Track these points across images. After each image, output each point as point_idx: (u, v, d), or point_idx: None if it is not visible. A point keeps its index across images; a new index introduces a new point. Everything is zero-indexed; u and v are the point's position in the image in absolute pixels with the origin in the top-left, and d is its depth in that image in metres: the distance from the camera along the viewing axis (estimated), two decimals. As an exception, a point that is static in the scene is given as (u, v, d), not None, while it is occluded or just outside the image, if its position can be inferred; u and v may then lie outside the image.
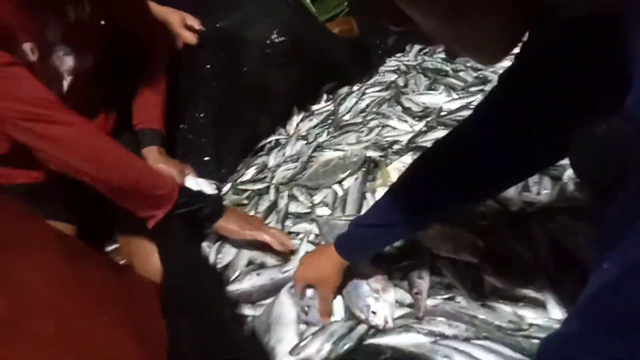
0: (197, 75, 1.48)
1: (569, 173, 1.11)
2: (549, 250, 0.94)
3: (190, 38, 1.45)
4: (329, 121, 1.61)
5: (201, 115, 1.46)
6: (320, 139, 1.49)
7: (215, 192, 1.26)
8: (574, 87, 0.56)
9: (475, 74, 1.58)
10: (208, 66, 1.48)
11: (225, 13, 1.51)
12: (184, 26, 1.45)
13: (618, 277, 0.41)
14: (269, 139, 1.61)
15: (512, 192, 1.09)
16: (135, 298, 0.97)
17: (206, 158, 1.43)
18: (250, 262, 1.12)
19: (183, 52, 1.45)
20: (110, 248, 1.39)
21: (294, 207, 1.22)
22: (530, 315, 0.86)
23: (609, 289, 0.42)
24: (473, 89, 1.52)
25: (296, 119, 1.67)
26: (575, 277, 0.89)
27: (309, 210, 1.20)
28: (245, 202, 1.30)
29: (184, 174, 1.24)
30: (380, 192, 1.21)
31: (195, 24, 1.46)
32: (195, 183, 1.24)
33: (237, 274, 1.09)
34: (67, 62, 1.13)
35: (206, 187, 1.24)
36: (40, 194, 1.22)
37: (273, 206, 1.24)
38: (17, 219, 0.94)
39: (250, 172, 1.45)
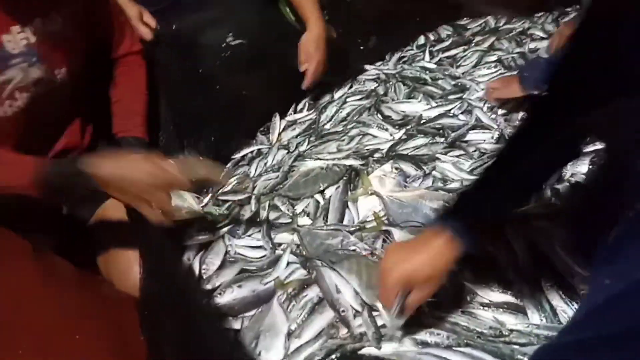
0: (155, 78, 1.45)
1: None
2: (527, 255, 0.96)
3: (146, 33, 1.42)
4: (311, 130, 1.61)
5: (167, 120, 1.43)
6: (302, 148, 1.49)
7: (200, 208, 1.24)
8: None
9: (453, 82, 1.61)
10: (167, 68, 1.46)
11: (180, 14, 1.50)
12: (141, 21, 1.43)
13: (621, 293, 0.42)
14: (250, 149, 1.60)
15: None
16: (113, 313, 0.96)
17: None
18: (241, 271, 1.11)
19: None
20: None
21: (275, 218, 1.22)
22: (510, 321, 0.87)
23: (612, 303, 0.43)
24: (451, 96, 1.54)
25: (278, 127, 1.66)
26: (553, 283, 0.90)
27: (290, 220, 1.20)
28: (226, 212, 1.29)
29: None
30: (362, 201, 1.22)
31: (152, 21, 1.44)
32: (179, 196, 1.22)
33: (217, 284, 1.08)
34: (31, 73, 1.09)
35: (192, 200, 1.23)
36: (17, 207, 1.21)
37: (255, 217, 1.24)
38: None
39: (231, 182, 1.45)
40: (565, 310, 0.86)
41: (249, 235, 1.19)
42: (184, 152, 1.42)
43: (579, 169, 1.11)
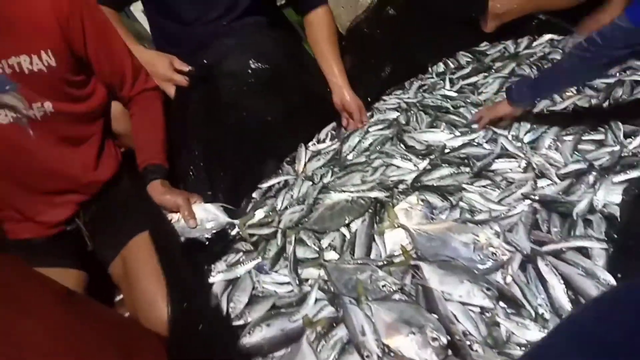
0: (188, 115, 1.49)
1: (577, 209, 1.11)
2: (563, 292, 0.93)
3: (181, 80, 1.47)
4: (334, 161, 1.61)
5: (196, 153, 1.45)
6: (326, 180, 1.49)
7: (227, 218, 1.26)
8: None
9: (475, 110, 1.60)
10: (197, 103, 1.49)
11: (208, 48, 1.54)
12: (174, 70, 1.47)
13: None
14: (277, 179, 1.60)
15: (521, 230, 1.09)
16: (137, 352, 0.96)
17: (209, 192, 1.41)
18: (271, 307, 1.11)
19: (176, 94, 1.48)
20: (118, 298, 1.38)
21: (301, 252, 1.22)
22: (548, 362, 0.84)
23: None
24: (474, 125, 1.52)
25: (304, 158, 1.67)
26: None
27: (316, 255, 1.20)
28: (252, 248, 1.29)
29: (191, 202, 1.25)
30: (389, 235, 1.20)
31: (184, 66, 1.48)
32: (203, 209, 1.24)
33: (246, 322, 1.08)
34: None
35: (217, 211, 1.24)
36: (45, 247, 1.23)
37: (281, 252, 1.23)
38: (17, 276, 0.94)
39: (258, 215, 1.44)
40: (607, 350, 0.83)
41: (276, 271, 1.18)
42: (210, 185, 1.43)
43: (611, 199, 1.09)
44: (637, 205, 0.99)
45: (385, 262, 1.13)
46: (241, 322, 1.09)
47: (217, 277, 1.21)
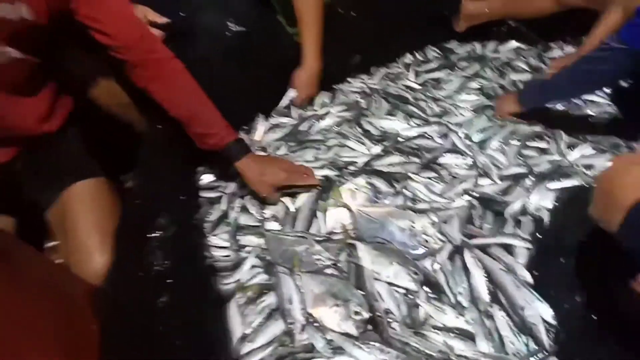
0: None
1: (510, 209, 1.16)
2: (483, 284, 0.99)
3: (156, 34, 1.43)
4: (291, 135, 1.61)
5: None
6: (279, 152, 1.50)
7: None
8: None
9: (434, 105, 1.63)
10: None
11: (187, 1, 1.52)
12: (147, 23, 1.43)
13: None
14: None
15: (455, 223, 1.14)
16: (66, 299, 0.95)
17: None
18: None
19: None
20: (50, 244, 1.35)
21: (244, 220, 1.22)
22: (459, 346, 0.89)
23: None
24: (432, 119, 1.56)
25: (262, 128, 1.66)
26: (505, 314, 0.93)
27: (258, 224, 1.21)
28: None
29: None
30: (331, 212, 1.22)
31: (157, 18, 1.44)
32: None
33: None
34: None
35: None
36: None
37: (223, 217, 1.24)
38: None
39: (206, 178, 1.44)
40: (513, 342, 0.89)
41: (215, 235, 1.19)
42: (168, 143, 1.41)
43: (543, 204, 1.15)
44: (564, 211, 1.05)
45: (323, 238, 1.15)
46: (171, 280, 1.09)
47: (160, 232, 1.20)
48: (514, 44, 2.01)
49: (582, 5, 1.72)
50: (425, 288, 1.01)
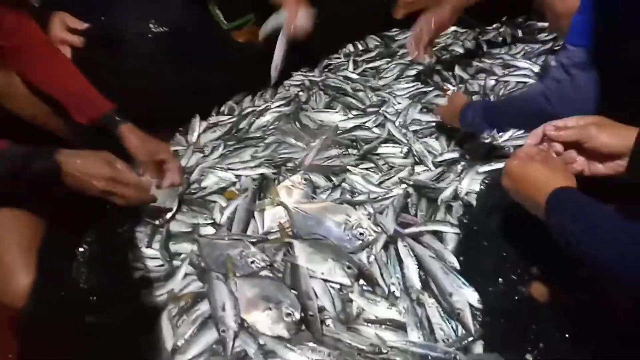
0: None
1: (442, 196, 1.17)
2: (414, 273, 0.99)
3: (75, 41, 1.38)
4: (230, 134, 1.59)
5: None
6: (217, 152, 1.47)
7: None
8: None
9: (373, 94, 1.63)
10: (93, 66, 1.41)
11: (107, 6, 1.46)
12: (67, 29, 1.37)
13: None
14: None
15: (390, 213, 1.14)
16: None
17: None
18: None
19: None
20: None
21: (177, 226, 1.20)
22: (390, 337, 0.89)
23: None
24: (370, 109, 1.56)
25: (198, 129, 1.63)
26: (434, 301, 0.94)
27: (191, 229, 1.19)
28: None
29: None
30: (268, 212, 1.21)
31: (77, 24, 1.39)
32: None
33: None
34: None
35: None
36: None
37: (156, 226, 1.20)
38: None
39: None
40: (443, 328, 0.90)
41: (149, 246, 1.15)
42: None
43: (473, 188, 1.16)
44: (489, 194, 1.06)
45: (259, 239, 1.14)
46: (98, 297, 1.05)
47: (89, 247, 1.16)
48: (451, 28, 2.03)
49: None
50: (361, 282, 1.01)
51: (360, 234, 1.10)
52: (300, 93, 1.73)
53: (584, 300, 0.79)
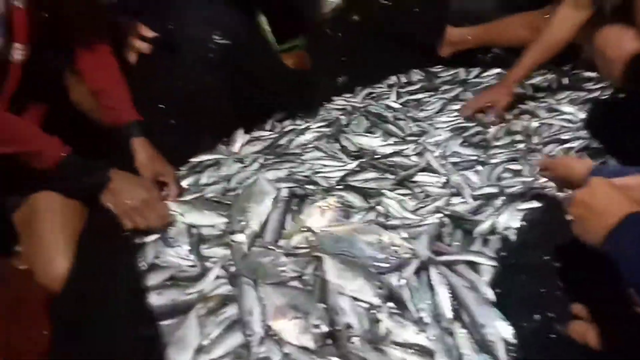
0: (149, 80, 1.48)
1: (479, 228, 1.16)
2: (447, 301, 0.97)
3: (143, 47, 1.46)
4: (270, 149, 1.62)
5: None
6: (256, 165, 1.49)
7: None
8: None
9: (413, 124, 1.64)
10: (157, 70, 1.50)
11: (176, 14, 1.54)
12: (138, 37, 1.45)
13: None
14: (208, 156, 1.59)
15: (424, 239, 1.13)
16: (22, 304, 0.93)
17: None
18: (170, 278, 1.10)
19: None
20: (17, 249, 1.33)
21: (209, 230, 1.21)
22: (417, 363, 0.87)
23: None
24: (409, 138, 1.58)
25: (241, 141, 1.67)
26: (466, 332, 0.92)
27: (224, 234, 1.20)
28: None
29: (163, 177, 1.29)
30: (296, 239, 1.18)
31: (149, 32, 1.47)
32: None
33: (140, 288, 1.06)
34: None
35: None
36: None
37: (190, 227, 1.22)
38: None
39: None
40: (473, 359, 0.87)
41: (179, 246, 1.16)
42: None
43: (511, 224, 1.14)
44: (531, 230, 1.04)
45: (290, 251, 1.14)
46: (136, 287, 1.07)
47: (125, 242, 1.18)
48: (496, 70, 2.05)
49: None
50: (389, 303, 1.00)
51: (395, 252, 1.09)
52: (342, 116, 1.76)
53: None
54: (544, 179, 1.24)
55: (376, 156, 1.49)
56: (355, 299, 0.99)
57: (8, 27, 1.09)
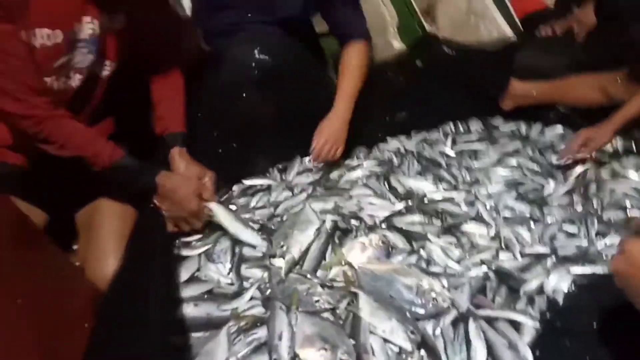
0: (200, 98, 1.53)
1: (526, 287, 1.11)
2: (483, 357, 0.93)
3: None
4: (320, 182, 1.63)
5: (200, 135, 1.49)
6: (303, 195, 1.51)
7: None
8: None
9: (467, 174, 1.62)
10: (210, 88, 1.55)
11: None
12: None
13: None
14: (261, 181, 1.61)
15: (466, 290, 1.09)
16: (66, 294, 0.98)
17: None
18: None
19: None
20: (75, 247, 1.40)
21: (250, 251, 1.24)
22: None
23: None
24: (461, 186, 1.55)
25: (296, 169, 1.68)
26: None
27: (263, 257, 1.22)
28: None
29: (203, 179, 1.32)
30: (334, 272, 1.18)
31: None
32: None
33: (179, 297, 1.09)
34: (88, 60, 1.20)
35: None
36: (22, 178, 1.27)
37: (233, 246, 1.24)
38: None
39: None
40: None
41: (221, 263, 1.19)
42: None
43: (561, 287, 1.09)
44: (580, 296, 0.99)
45: (327, 283, 1.13)
46: (174, 296, 1.10)
47: (172, 250, 1.23)
48: (559, 128, 1.98)
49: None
50: (422, 351, 0.97)
51: (434, 299, 1.06)
52: (394, 158, 1.75)
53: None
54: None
55: (425, 200, 1.47)
56: (387, 340, 0.98)
57: (101, 47, 1.21)
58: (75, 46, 1.16)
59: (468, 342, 0.96)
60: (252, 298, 1.11)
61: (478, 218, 1.38)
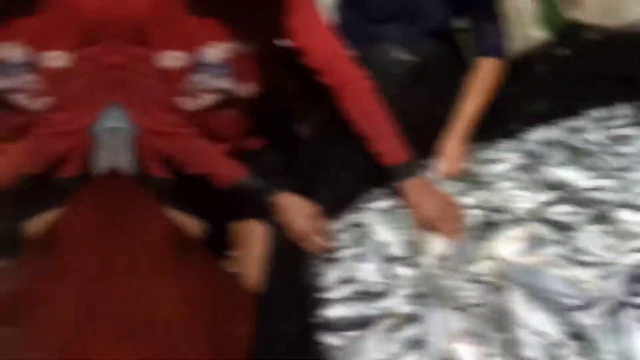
0: None
1: None
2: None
3: None
4: (464, 176, 1.65)
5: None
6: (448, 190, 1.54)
7: None
8: None
9: (617, 160, 1.53)
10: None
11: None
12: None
13: None
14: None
15: (621, 279, 1.07)
16: (224, 299, 1.12)
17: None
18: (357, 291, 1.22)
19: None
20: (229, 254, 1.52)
21: (398, 249, 1.31)
22: None
23: None
24: (612, 173, 1.47)
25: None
26: None
27: (414, 255, 1.29)
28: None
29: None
30: (481, 266, 1.22)
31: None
32: None
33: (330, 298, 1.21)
34: (218, 83, 1.28)
35: None
36: (179, 189, 1.33)
37: (382, 246, 1.33)
38: (140, 205, 1.15)
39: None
40: None
41: (370, 262, 1.28)
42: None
43: None
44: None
45: (475, 278, 1.19)
46: (325, 295, 1.22)
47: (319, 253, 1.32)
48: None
49: None
50: (575, 342, 0.99)
51: (584, 291, 1.06)
52: (539, 148, 1.70)
53: None
54: None
55: (573, 189, 1.43)
56: (538, 333, 1.01)
57: (236, 69, 1.28)
58: (205, 68, 1.23)
59: (624, 332, 0.96)
60: (402, 296, 1.19)
61: (631, 205, 1.31)
